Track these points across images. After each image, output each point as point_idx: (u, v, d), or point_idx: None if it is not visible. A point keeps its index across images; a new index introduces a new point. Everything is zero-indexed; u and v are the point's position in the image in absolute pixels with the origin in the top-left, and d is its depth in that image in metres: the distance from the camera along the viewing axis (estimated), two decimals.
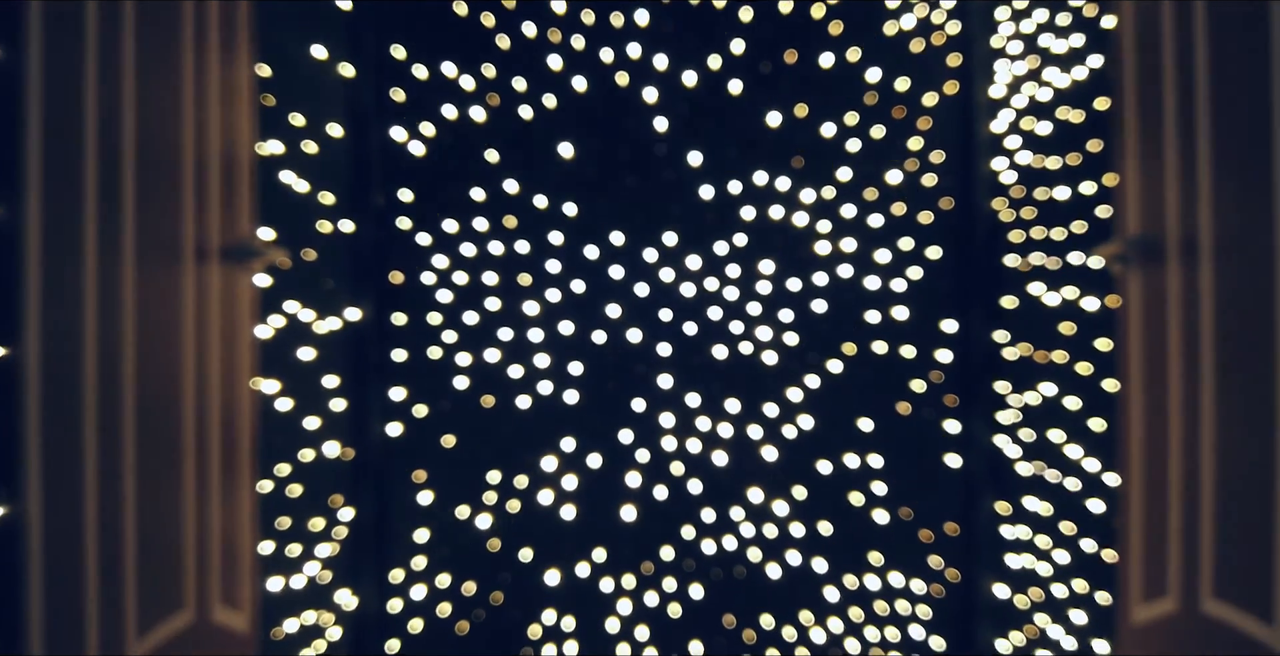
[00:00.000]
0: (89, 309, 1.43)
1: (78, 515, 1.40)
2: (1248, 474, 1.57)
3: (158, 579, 1.64)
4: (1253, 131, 1.54)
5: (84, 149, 1.44)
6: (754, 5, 2.90)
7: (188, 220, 1.76)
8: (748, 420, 2.92)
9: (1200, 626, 1.72)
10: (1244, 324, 1.57)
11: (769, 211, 2.92)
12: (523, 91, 2.90)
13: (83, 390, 1.42)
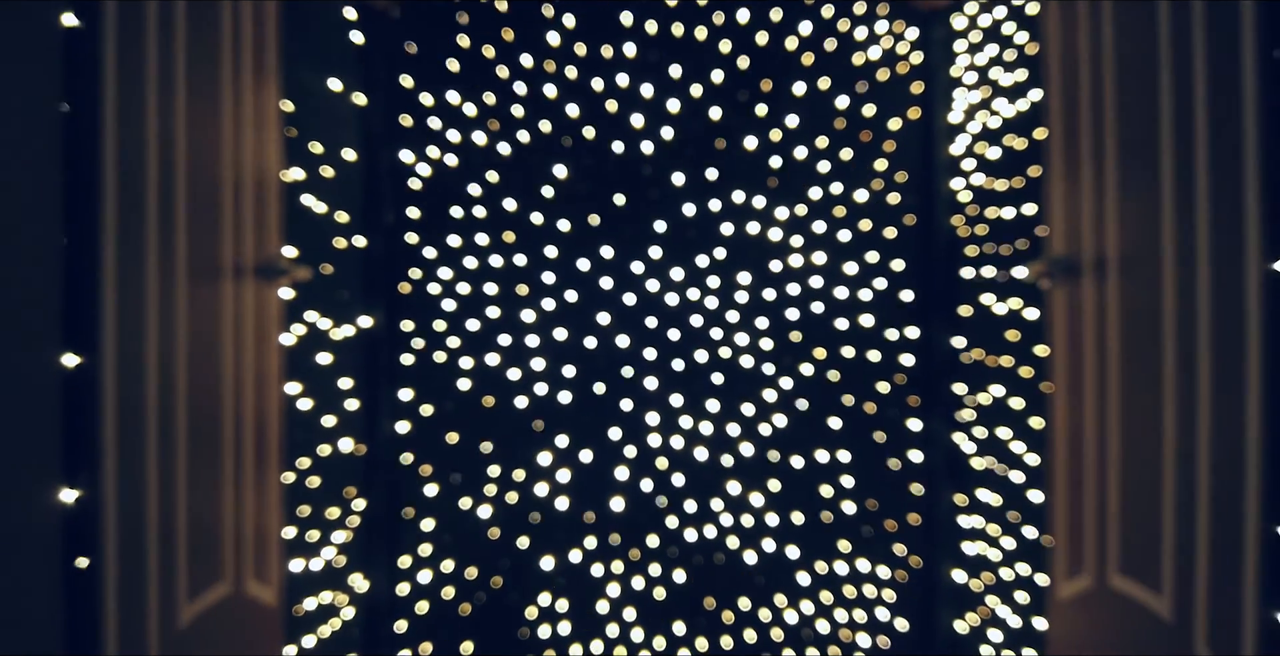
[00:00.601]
0: (150, 322, 1.68)
1: (141, 496, 1.65)
2: (1142, 466, 1.82)
3: (202, 554, 1.90)
4: (1145, 163, 1.80)
5: (146, 181, 1.69)
6: (732, 38, 3.15)
7: (227, 242, 2.01)
8: (727, 419, 3.17)
9: (1110, 599, 1.97)
10: (1140, 334, 1.83)
11: (746, 227, 3.17)
12: (520, 117, 3.15)
13: (145, 392, 1.67)
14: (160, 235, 1.72)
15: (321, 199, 2.73)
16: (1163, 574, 1.75)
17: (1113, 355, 1.94)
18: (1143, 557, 1.83)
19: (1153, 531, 1.78)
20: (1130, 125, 1.89)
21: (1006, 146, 2.76)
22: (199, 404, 1.87)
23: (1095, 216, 2.00)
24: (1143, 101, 1.81)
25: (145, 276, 1.67)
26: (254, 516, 2.14)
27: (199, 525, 1.88)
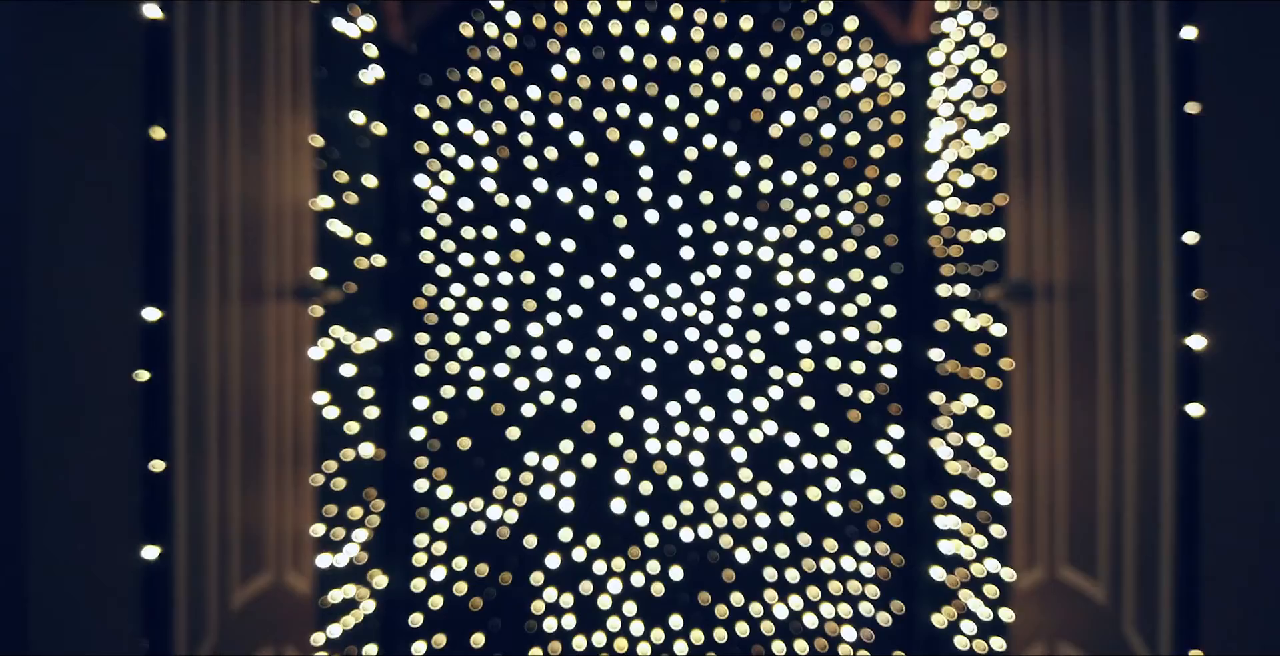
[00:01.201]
0: (211, 340, 1.91)
1: (203, 494, 1.88)
2: (1082, 470, 2.06)
3: (250, 546, 2.12)
4: (1084, 200, 2.03)
5: (207, 212, 1.92)
6: (725, 72, 3.39)
7: (270, 267, 2.25)
8: (720, 426, 3.41)
9: (1059, 588, 2.20)
10: (1082, 353, 2.07)
11: (738, 247, 3.41)
12: (528, 145, 3.39)
13: (206, 402, 1.90)
14: (218, 261, 1.95)
15: (346, 223, 2.96)
16: (1099, 565, 1.99)
17: (1060, 371, 2.17)
18: (1084, 551, 2.06)
19: (1091, 527, 2.01)
20: (1072, 163, 2.12)
21: (977, 175, 3.00)
22: (248, 412, 2.10)
23: (1046, 246, 2.24)
24: (1081, 143, 2.05)
25: (206, 299, 1.90)
26: (291, 514, 2.37)
27: (248, 521, 2.10)
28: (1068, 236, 2.14)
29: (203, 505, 1.87)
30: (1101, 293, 1.95)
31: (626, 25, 3.38)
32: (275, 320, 2.27)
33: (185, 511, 1.78)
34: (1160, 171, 1.73)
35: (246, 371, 2.09)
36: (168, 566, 1.72)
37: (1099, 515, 1.98)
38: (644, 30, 3.38)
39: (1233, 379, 1.54)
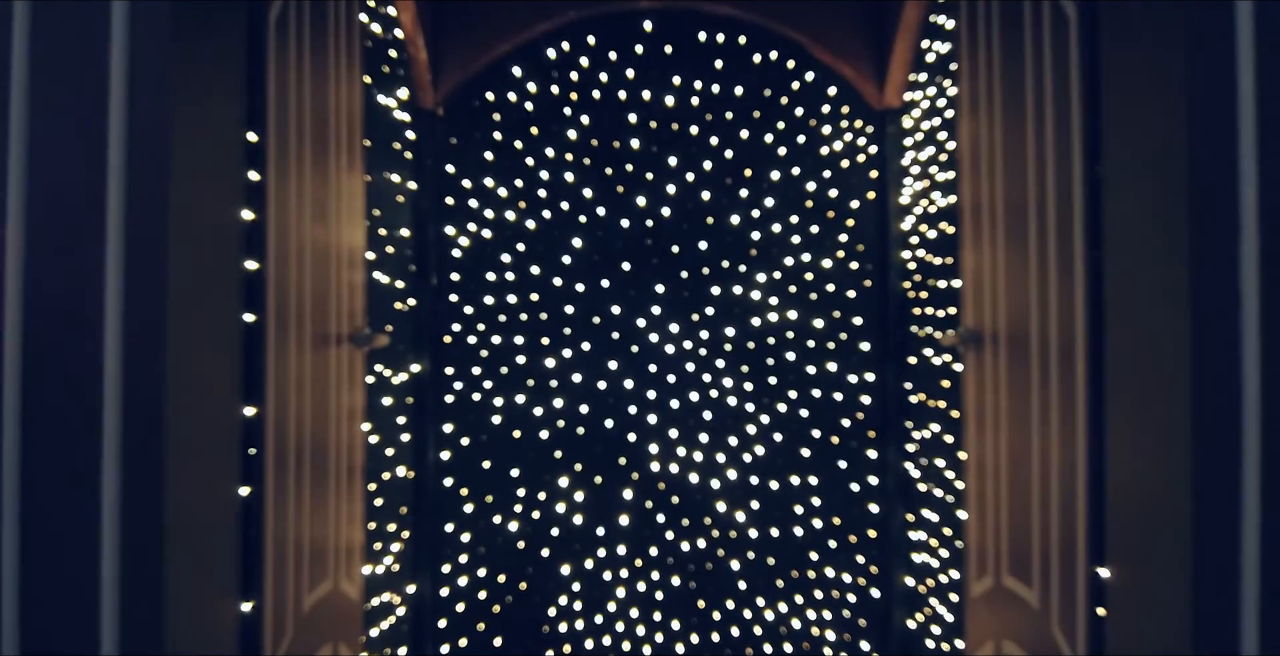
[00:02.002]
0: (291, 380, 2.30)
1: (285, 511, 2.26)
2: (1019, 491, 2.45)
3: (317, 557, 2.51)
4: (1020, 260, 2.43)
5: (289, 271, 2.31)
6: (719, 134, 3.81)
7: (333, 317, 2.64)
8: (715, 449, 3.80)
9: (1003, 594, 2.59)
10: (1019, 392, 2.47)
11: (731, 289, 3.81)
12: (544, 198, 3.79)
13: (288, 433, 2.28)
14: (296, 313, 2.34)
15: (386, 272, 3.35)
16: (1032, 573, 2.38)
17: (1002, 406, 2.57)
18: (1021, 561, 2.45)
19: (1026, 541, 2.41)
20: (1011, 224, 2.53)
21: (941, 230, 3.40)
22: (316, 442, 2.49)
23: (992, 297, 2.65)
24: (1017, 206, 2.45)
25: (289, 345, 2.29)
26: (346, 529, 2.75)
27: (315, 535, 2.49)
28: (1008, 289, 2.55)
29: (285, 521, 2.26)
30: (1033, 340, 2.36)
31: (632, 92, 3.79)
32: (335, 362, 2.66)
33: (272, 529, 2.17)
34: (1075, 232, 2.13)
35: (315, 407, 2.48)
36: (260, 574, 2.10)
37: (1032, 530, 2.38)
38: (647, 96, 3.79)
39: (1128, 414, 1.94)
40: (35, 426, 1.74)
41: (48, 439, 1.73)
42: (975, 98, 2.78)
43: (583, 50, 3.78)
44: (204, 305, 1.89)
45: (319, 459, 2.52)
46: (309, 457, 2.43)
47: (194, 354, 1.83)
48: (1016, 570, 2.49)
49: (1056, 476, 2.24)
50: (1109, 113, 2.00)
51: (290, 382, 2.30)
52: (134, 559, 1.73)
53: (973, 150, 2.82)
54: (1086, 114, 2.08)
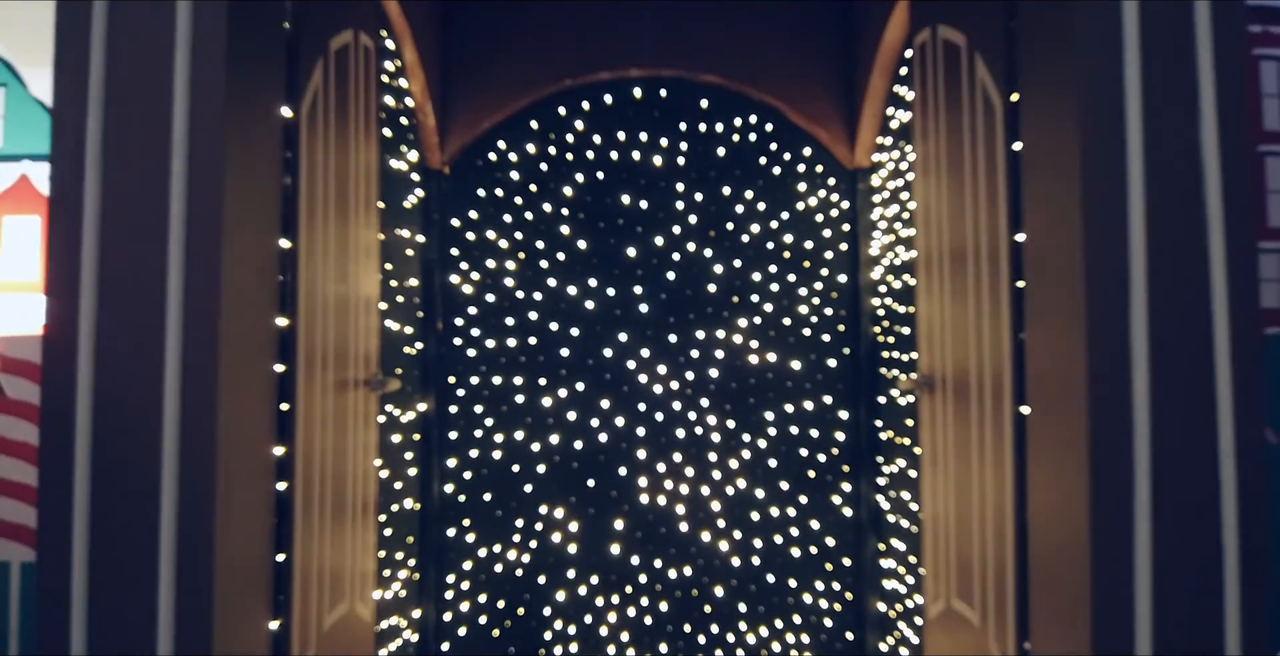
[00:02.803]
0: (316, 422, 2.60)
1: (311, 539, 2.55)
2: (964, 522, 2.74)
3: (336, 581, 2.79)
4: (960, 314, 2.74)
5: (315, 323, 2.61)
6: (703, 190, 4.13)
7: (351, 364, 2.94)
8: (700, 482, 4.08)
9: (954, 615, 2.87)
10: (963, 431, 2.76)
11: (715, 333, 4.11)
12: (542, 249, 4.11)
13: (312, 471, 2.57)
14: (320, 362, 2.64)
15: (395, 319, 3.66)
16: (974, 596, 2.66)
17: (951, 444, 2.87)
18: (966, 585, 2.74)
19: (969, 566, 2.69)
20: (955, 280, 2.84)
21: (904, 281, 3.72)
22: (337, 476, 2.78)
23: (940, 346, 2.95)
24: (960, 263, 2.76)
25: (315, 390, 2.59)
26: (360, 556, 3.03)
27: (334, 561, 2.77)
28: (953, 338, 2.85)
29: (310, 548, 2.54)
30: (972, 386, 2.66)
31: (623, 153, 4.12)
32: (352, 404, 2.96)
33: (300, 554, 2.45)
34: (1002, 289, 2.44)
35: (334, 445, 2.77)
36: (289, 595, 2.39)
37: (973, 557, 2.66)
38: (637, 156, 4.12)
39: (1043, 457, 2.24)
40: (103, 466, 2.03)
41: (114, 476, 2.03)
42: (927, 164, 3.11)
43: (578, 114, 4.12)
44: (245, 359, 2.19)
45: (338, 492, 2.81)
46: (329, 491, 2.72)
47: (236, 402, 2.13)
48: (963, 593, 2.77)
49: (992, 509, 2.53)
50: (1026, 187, 2.32)
51: (314, 424, 2.59)
52: (186, 583, 2.01)
53: (925, 211, 3.14)
54: (1010, 186, 2.40)
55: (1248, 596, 1.97)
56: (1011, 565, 2.38)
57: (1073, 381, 2.03)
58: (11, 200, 5.28)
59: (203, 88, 2.04)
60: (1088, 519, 1.97)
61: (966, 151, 2.72)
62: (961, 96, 2.71)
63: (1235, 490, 1.98)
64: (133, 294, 2.04)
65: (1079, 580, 2.00)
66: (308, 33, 2.47)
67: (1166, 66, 2.06)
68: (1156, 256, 2.03)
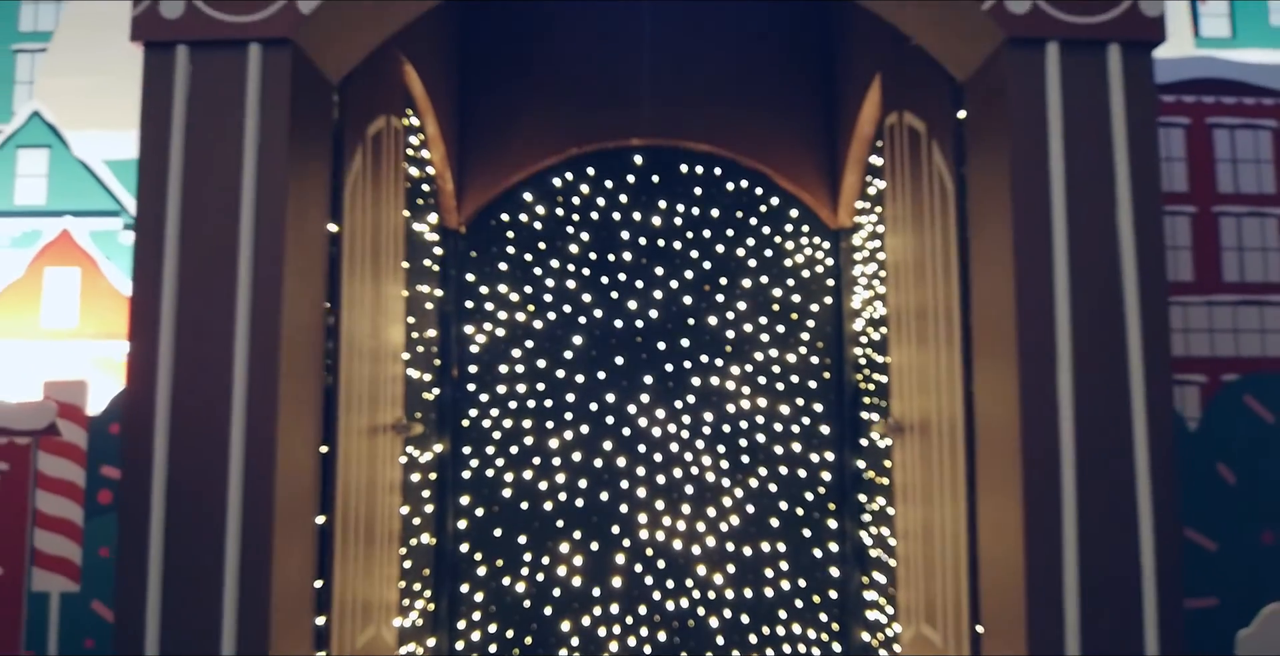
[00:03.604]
0: (352, 464, 2.92)
1: (346, 569, 2.85)
2: (930, 553, 3.05)
3: (365, 608, 3.08)
4: (924, 366, 3.07)
5: (354, 370, 2.94)
6: (698, 248, 4.50)
7: (380, 410, 3.27)
8: (695, 519, 4.38)
9: (922, 639, 3.16)
10: (928, 472, 3.08)
11: (709, 380, 4.44)
12: (549, 302, 4.46)
13: (349, 509, 2.89)
14: (356, 408, 2.97)
15: (415, 367, 4.00)
16: (937, 620, 2.96)
17: (918, 483, 3.19)
18: (930, 611, 3.03)
19: (934, 594, 3.00)
20: (920, 332, 3.17)
21: (881, 332, 4.06)
22: (367, 513, 3.09)
23: (908, 393, 3.28)
24: (922, 316, 3.10)
25: (351, 434, 2.91)
26: (385, 586, 3.33)
27: (365, 588, 3.07)
28: (919, 386, 3.19)
29: (346, 575, 2.85)
30: (933, 430, 2.99)
31: (624, 214, 4.50)
32: (381, 446, 3.28)
33: (339, 579, 2.76)
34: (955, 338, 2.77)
35: (365, 485, 3.09)
36: (329, 618, 2.69)
37: (936, 585, 2.97)
38: (638, 217, 4.50)
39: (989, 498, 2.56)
40: (176, 503, 2.35)
41: (187, 512, 2.35)
42: (895, 229, 3.48)
43: (583, 179, 4.51)
44: (299, 407, 2.52)
45: (368, 527, 3.13)
46: (361, 526, 3.04)
47: (291, 447, 2.46)
48: (929, 618, 3.07)
49: (950, 541, 2.84)
50: (973, 252, 2.67)
51: (350, 465, 2.92)
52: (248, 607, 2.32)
53: (894, 270, 3.50)
54: (960, 252, 2.76)
55: (1164, 606, 2.28)
56: (965, 590, 2.69)
57: (1006, 435, 2.36)
58: (54, 253, 5.66)
59: (268, 171, 2.41)
60: (1023, 548, 2.29)
61: (926, 220, 3.08)
62: (922, 174, 3.08)
63: (1151, 519, 2.30)
64: (205, 345, 2.38)
65: (1017, 598, 2.31)
66: (349, 122, 2.84)
67: (1086, 153, 2.42)
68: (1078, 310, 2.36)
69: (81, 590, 3.95)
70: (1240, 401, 4.08)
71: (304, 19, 2.38)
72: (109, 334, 5.40)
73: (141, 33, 2.41)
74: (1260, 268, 4.77)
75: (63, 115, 5.67)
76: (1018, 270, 2.38)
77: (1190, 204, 4.73)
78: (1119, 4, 2.40)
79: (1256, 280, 4.78)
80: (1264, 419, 4.05)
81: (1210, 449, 3.99)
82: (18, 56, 5.72)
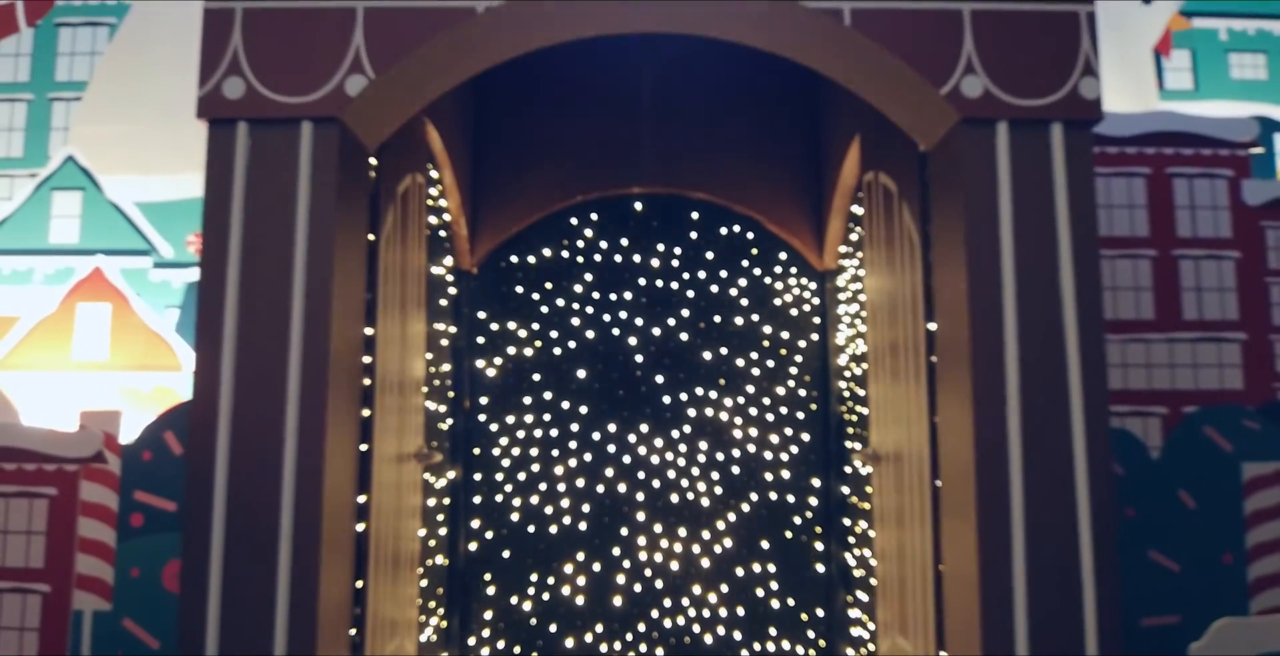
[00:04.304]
0: (384, 489, 3.22)
1: (377, 585, 3.15)
2: (904, 571, 3.36)
3: (391, 622, 3.38)
4: (897, 391, 3.40)
5: (387, 404, 3.25)
6: (694, 288, 4.84)
7: (406, 439, 3.58)
8: (691, 541, 4.68)
9: (897, 649, 3.46)
10: (900, 497, 3.39)
11: (704, 411, 4.77)
12: (555, 337, 4.79)
13: (382, 533, 3.19)
14: (386, 436, 3.28)
15: (432, 399, 4.32)
16: (909, 630, 3.27)
17: (891, 509, 3.50)
18: (904, 623, 3.34)
19: (907, 609, 3.30)
20: (894, 367, 3.50)
21: (863, 368, 4.39)
22: (394, 535, 3.40)
23: (884, 424, 3.61)
24: (895, 353, 3.42)
25: (382, 462, 3.22)
26: (406, 604, 3.63)
27: (391, 605, 3.37)
28: (893, 417, 3.51)
29: (377, 592, 3.15)
30: (904, 459, 3.31)
31: (625, 256, 4.84)
32: (405, 473, 3.60)
33: (371, 595, 3.07)
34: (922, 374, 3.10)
35: (392, 510, 3.40)
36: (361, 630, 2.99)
37: (909, 600, 3.28)
38: (638, 259, 4.84)
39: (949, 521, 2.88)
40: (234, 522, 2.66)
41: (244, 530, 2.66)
42: (872, 274, 3.82)
43: (587, 224, 4.85)
44: (341, 437, 2.84)
45: (395, 549, 3.43)
46: (388, 548, 3.34)
47: (335, 473, 2.77)
48: (903, 629, 3.38)
49: (919, 560, 3.16)
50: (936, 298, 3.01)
51: (381, 492, 3.23)
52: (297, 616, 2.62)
53: (872, 311, 3.84)
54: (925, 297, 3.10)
55: (1102, 616, 2.59)
56: (932, 604, 3.00)
57: (967, 457, 2.69)
58: (86, 289, 6.00)
59: (317, 230, 2.74)
60: (978, 566, 2.61)
61: (898, 267, 3.43)
62: (894, 227, 3.43)
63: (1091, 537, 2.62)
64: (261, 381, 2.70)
65: (974, 611, 2.62)
66: (383, 182, 3.19)
67: (1032, 216, 2.77)
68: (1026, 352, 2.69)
69: (113, 608, 4.23)
70: (1200, 432, 4.40)
71: (350, 100, 2.73)
72: (138, 366, 5.72)
73: (206, 111, 2.75)
74: (1218, 306, 5.11)
75: (96, 160, 6.03)
76: (971, 316, 2.72)
77: (1152, 247, 5.09)
78: (1061, 89, 2.76)
79: (1214, 318, 5.12)
80: (1222, 448, 4.38)
81: (1172, 476, 4.31)
82: (54, 104, 6.09)
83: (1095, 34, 2.78)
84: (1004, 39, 2.76)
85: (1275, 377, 5.13)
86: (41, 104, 6.19)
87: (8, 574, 4.03)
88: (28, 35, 6.14)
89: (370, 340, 3.08)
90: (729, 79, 4.86)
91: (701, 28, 2.85)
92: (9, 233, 6.04)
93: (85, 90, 6.16)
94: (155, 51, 5.93)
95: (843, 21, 2.75)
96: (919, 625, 3.15)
